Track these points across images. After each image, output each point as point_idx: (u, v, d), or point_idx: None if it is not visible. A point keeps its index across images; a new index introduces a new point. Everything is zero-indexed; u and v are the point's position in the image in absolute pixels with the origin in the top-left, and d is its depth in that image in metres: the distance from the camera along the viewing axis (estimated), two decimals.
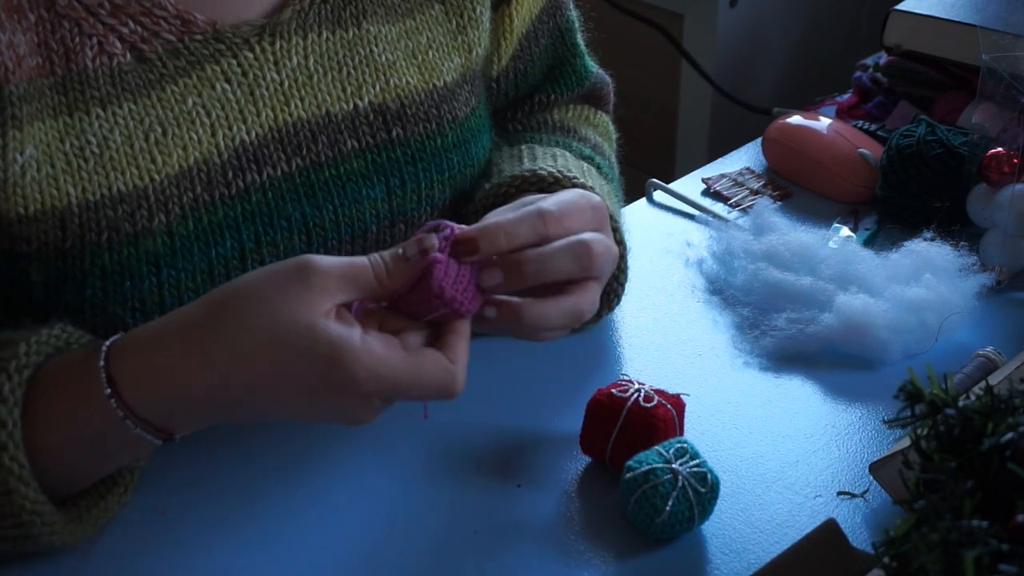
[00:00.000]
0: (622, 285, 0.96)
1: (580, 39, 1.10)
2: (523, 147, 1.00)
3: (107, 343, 0.73)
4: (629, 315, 1.01)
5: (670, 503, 0.77)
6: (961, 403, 0.69)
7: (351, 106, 0.90)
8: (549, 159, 0.96)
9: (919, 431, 0.71)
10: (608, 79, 1.14)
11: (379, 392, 0.71)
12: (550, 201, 0.78)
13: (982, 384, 0.74)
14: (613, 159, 1.10)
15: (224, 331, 0.71)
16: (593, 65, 1.12)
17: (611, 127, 1.14)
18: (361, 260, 0.72)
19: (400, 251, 0.73)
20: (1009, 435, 0.65)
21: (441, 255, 0.72)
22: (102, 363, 0.72)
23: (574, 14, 1.09)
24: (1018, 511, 0.62)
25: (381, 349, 0.70)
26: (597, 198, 0.81)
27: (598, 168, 1.01)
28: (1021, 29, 1.14)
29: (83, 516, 0.76)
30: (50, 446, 0.72)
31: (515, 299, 0.76)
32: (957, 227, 1.07)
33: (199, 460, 0.85)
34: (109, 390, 0.71)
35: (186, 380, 0.71)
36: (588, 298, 0.78)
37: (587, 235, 0.77)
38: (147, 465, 0.81)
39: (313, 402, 0.72)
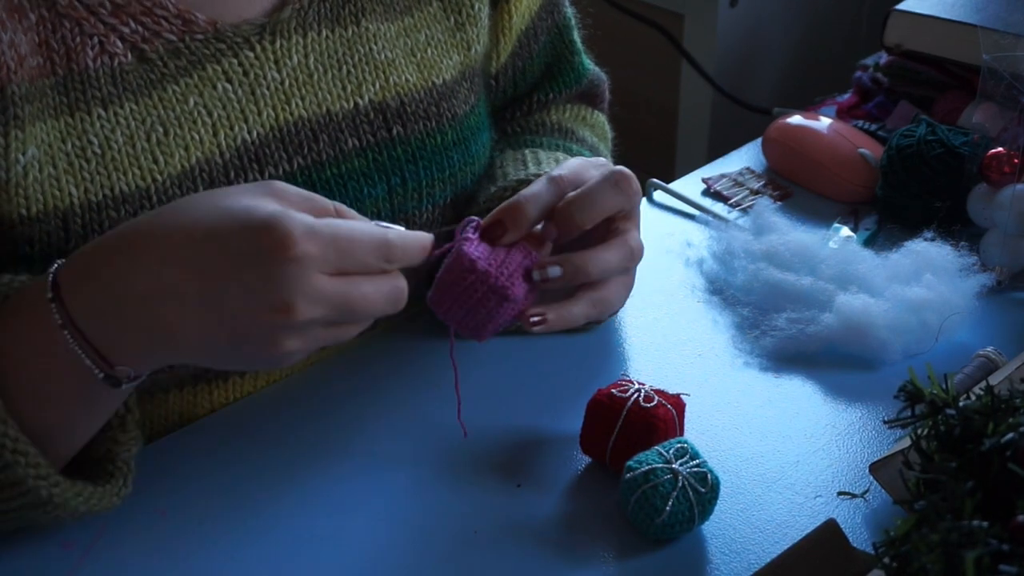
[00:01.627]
0: None
1: (577, 37, 1.10)
2: (527, 151, 1.00)
3: (58, 261, 0.72)
4: (629, 315, 1.01)
5: (670, 503, 0.77)
6: (961, 403, 0.69)
7: (351, 104, 0.90)
8: (552, 163, 0.96)
9: (919, 431, 0.71)
10: (604, 77, 1.14)
11: (315, 255, 0.67)
12: (557, 168, 0.82)
13: (982, 384, 0.74)
14: (609, 159, 1.10)
15: (168, 218, 0.70)
16: (590, 63, 1.12)
17: (607, 127, 1.15)
18: (324, 198, 0.74)
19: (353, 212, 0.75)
20: (1009, 435, 0.65)
21: (469, 236, 0.76)
22: (51, 271, 0.71)
23: (570, 12, 1.09)
24: (1018, 511, 0.62)
25: (319, 219, 0.69)
26: (600, 158, 0.85)
27: None
28: (1021, 29, 1.14)
29: (76, 485, 0.74)
30: (9, 382, 0.71)
31: (574, 254, 0.79)
32: (957, 227, 1.07)
33: (199, 460, 0.85)
34: (51, 294, 0.70)
35: (120, 272, 0.69)
36: (633, 234, 0.82)
37: (614, 168, 0.82)
38: (140, 453, 0.80)
39: (236, 276, 0.67)
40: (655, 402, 0.83)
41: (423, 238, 0.74)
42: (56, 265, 0.72)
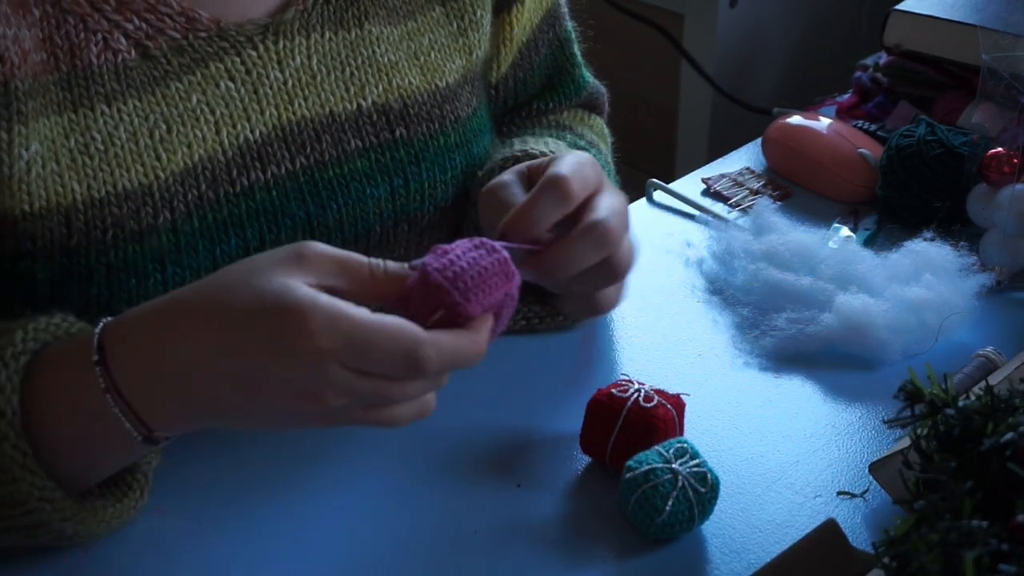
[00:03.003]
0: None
1: (577, 50, 1.10)
2: (515, 139, 1.00)
3: (105, 319, 0.72)
4: (629, 315, 1.01)
5: (670, 503, 0.77)
6: (961, 403, 0.69)
7: (354, 106, 0.90)
8: (541, 144, 0.96)
9: (919, 431, 0.71)
10: (603, 90, 1.14)
11: (334, 350, 0.65)
12: (557, 167, 0.78)
13: (982, 384, 0.74)
14: (609, 158, 1.10)
15: (209, 295, 0.69)
16: (590, 76, 1.12)
17: (606, 130, 1.15)
18: (359, 255, 0.70)
19: (406, 265, 0.70)
20: (1009, 435, 0.65)
21: (438, 248, 0.70)
22: (97, 332, 0.71)
23: (571, 25, 1.09)
24: (1018, 511, 0.62)
25: (343, 305, 0.66)
26: (588, 156, 0.81)
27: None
28: (1021, 29, 1.14)
29: (98, 512, 0.75)
30: (48, 433, 0.71)
31: (536, 246, 0.76)
32: (957, 227, 1.07)
33: (199, 460, 0.85)
34: (97, 357, 0.70)
35: (162, 345, 0.69)
36: (603, 211, 0.77)
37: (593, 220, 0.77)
38: (158, 465, 0.80)
39: (265, 366, 0.66)
40: (655, 402, 0.83)
41: (469, 347, 0.69)
42: (101, 325, 0.71)
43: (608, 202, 0.78)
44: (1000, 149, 1.05)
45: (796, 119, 1.24)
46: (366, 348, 0.65)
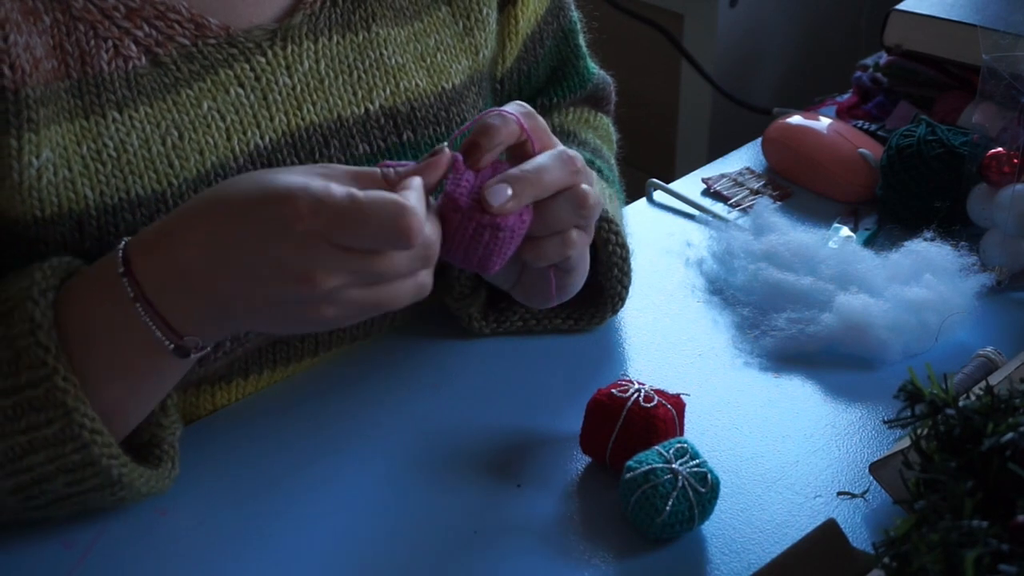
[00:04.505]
0: (625, 288, 0.96)
1: (582, 41, 1.10)
2: None
3: (126, 238, 0.75)
4: (629, 315, 1.01)
5: (670, 503, 0.77)
6: (961, 403, 0.69)
7: (362, 110, 0.90)
8: None
9: (919, 431, 0.71)
10: (609, 80, 1.14)
11: (322, 231, 0.69)
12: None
13: (982, 384, 0.74)
14: (613, 161, 1.10)
15: (219, 191, 0.74)
16: (595, 67, 1.12)
17: (611, 129, 1.14)
18: (369, 168, 0.76)
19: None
20: (1009, 435, 0.65)
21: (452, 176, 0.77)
22: (121, 247, 0.74)
23: (576, 16, 1.09)
24: (1018, 511, 0.62)
25: (332, 186, 0.70)
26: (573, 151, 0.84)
27: (599, 172, 1.02)
28: (1021, 29, 1.14)
29: (138, 468, 0.77)
30: (87, 361, 0.74)
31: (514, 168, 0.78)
32: (957, 227, 1.07)
33: (199, 461, 0.85)
34: (123, 269, 0.73)
35: (179, 245, 0.73)
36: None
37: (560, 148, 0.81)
38: (181, 435, 0.83)
39: (259, 250, 0.70)
40: (655, 402, 0.83)
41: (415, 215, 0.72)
42: (124, 242, 0.75)
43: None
44: (1000, 149, 1.05)
45: (796, 119, 1.24)
46: (352, 223, 0.69)
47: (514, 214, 0.77)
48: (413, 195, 0.72)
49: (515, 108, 0.80)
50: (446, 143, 0.78)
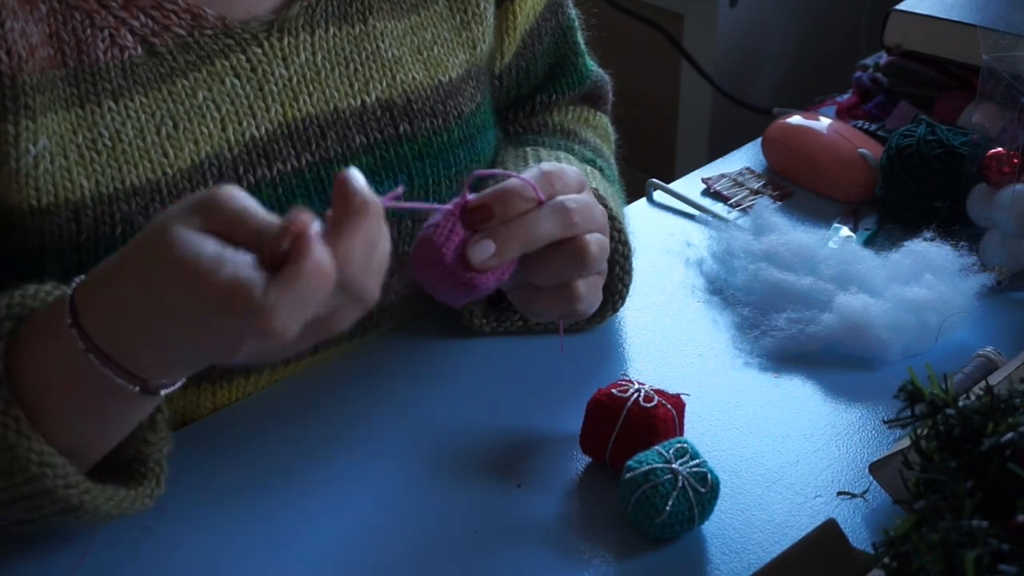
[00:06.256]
0: (626, 286, 0.96)
1: (581, 38, 1.10)
2: (528, 149, 1.00)
3: (78, 278, 0.71)
4: (629, 315, 1.01)
5: (670, 503, 0.77)
6: (961, 403, 0.69)
7: (359, 102, 0.90)
8: (552, 159, 0.96)
9: (919, 431, 0.71)
10: (607, 78, 1.14)
11: (186, 270, 0.62)
12: (548, 165, 0.80)
13: (982, 384, 0.74)
14: (612, 160, 1.10)
15: (133, 241, 0.68)
16: (593, 64, 1.12)
17: (610, 128, 1.15)
18: (263, 215, 0.66)
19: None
20: (1009, 435, 0.65)
21: (439, 221, 0.75)
22: (69, 294, 0.70)
23: (574, 13, 1.09)
24: (1018, 511, 0.62)
25: (210, 238, 0.64)
26: (577, 170, 0.82)
27: (600, 171, 1.02)
28: (1021, 29, 1.14)
29: (107, 490, 0.73)
30: (44, 398, 0.70)
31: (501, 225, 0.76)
32: (957, 227, 1.07)
33: (200, 460, 0.85)
34: (70, 320, 0.68)
35: (116, 295, 0.67)
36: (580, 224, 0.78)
37: (566, 197, 0.78)
38: (170, 451, 0.79)
39: (163, 292, 0.64)
40: (655, 402, 0.83)
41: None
42: (73, 286, 0.70)
43: (579, 196, 0.79)
44: (1000, 149, 1.05)
45: (796, 119, 1.24)
46: (204, 274, 0.62)
47: (492, 273, 0.76)
48: (280, 288, 0.62)
49: (535, 174, 0.78)
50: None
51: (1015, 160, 1.04)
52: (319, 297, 0.63)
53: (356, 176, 0.66)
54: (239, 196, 0.66)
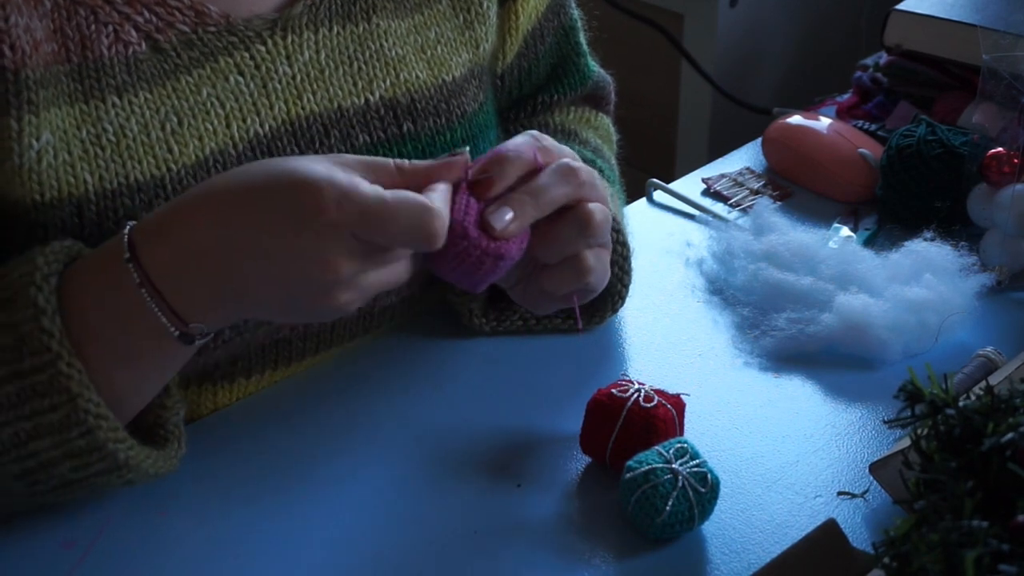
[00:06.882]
0: (626, 286, 0.96)
1: (583, 39, 1.10)
2: None
3: (130, 223, 0.75)
4: (629, 315, 1.01)
5: (670, 503, 0.77)
6: (961, 403, 0.69)
7: (362, 100, 0.90)
8: None
9: (919, 431, 0.71)
10: (609, 79, 1.14)
11: (345, 218, 0.70)
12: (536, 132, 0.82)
13: (982, 384, 0.74)
14: (613, 161, 1.10)
15: (230, 178, 0.75)
16: (595, 65, 1.12)
17: (611, 129, 1.15)
18: (383, 159, 0.76)
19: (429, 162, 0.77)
20: (1009, 435, 0.65)
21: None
22: (126, 232, 0.74)
23: (577, 14, 1.09)
24: (1018, 511, 0.62)
25: (357, 180, 0.72)
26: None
27: (600, 171, 1.02)
28: (1021, 29, 1.14)
29: (145, 450, 0.77)
30: (92, 347, 0.73)
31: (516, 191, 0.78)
32: (957, 227, 1.07)
33: (200, 460, 0.85)
34: (128, 255, 0.73)
35: (188, 230, 0.73)
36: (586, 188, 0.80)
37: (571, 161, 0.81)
38: (186, 415, 0.82)
39: (280, 238, 0.71)
40: (655, 402, 0.83)
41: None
42: (129, 226, 0.75)
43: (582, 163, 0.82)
44: (1000, 149, 1.05)
45: (796, 119, 1.24)
46: (379, 222, 0.71)
47: (515, 241, 0.77)
48: (439, 197, 0.74)
49: (526, 139, 0.80)
50: (466, 148, 0.78)
51: (1015, 160, 1.04)
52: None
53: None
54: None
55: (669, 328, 1.00)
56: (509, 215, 0.77)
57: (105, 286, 0.74)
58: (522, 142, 0.80)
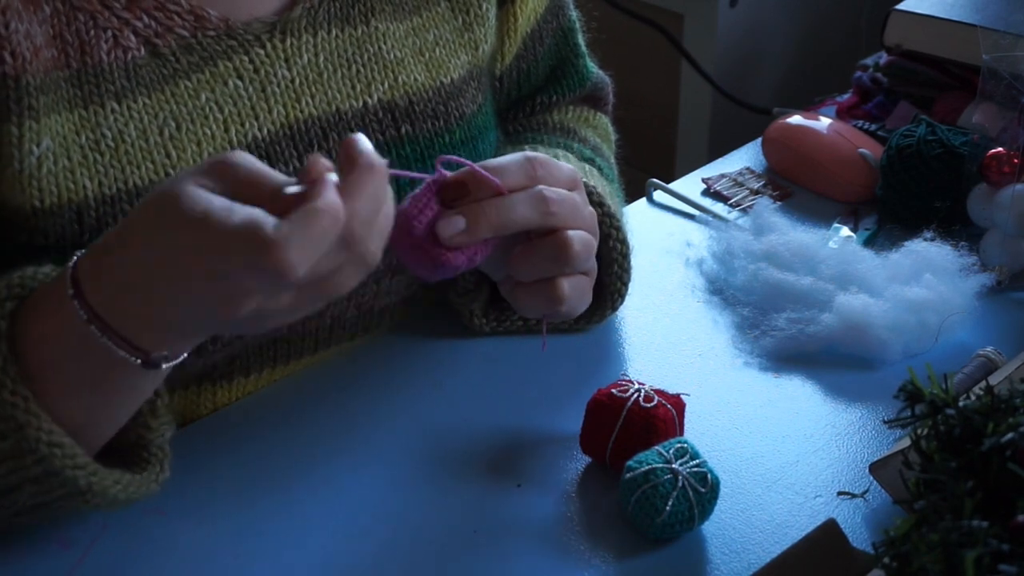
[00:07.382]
0: (625, 285, 0.96)
1: (582, 40, 1.10)
2: (526, 147, 1.00)
3: (78, 252, 0.71)
4: (629, 315, 1.01)
5: (670, 503, 0.77)
6: (961, 403, 0.69)
7: (361, 103, 0.90)
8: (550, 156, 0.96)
9: (919, 431, 0.71)
10: (608, 80, 1.14)
11: (195, 221, 0.64)
12: (533, 152, 0.81)
13: (982, 384, 0.74)
14: (612, 160, 1.10)
15: (141, 203, 0.69)
16: (594, 66, 1.12)
17: (610, 128, 1.15)
18: (279, 176, 0.68)
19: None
20: (1009, 435, 0.65)
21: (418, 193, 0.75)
22: (70, 267, 0.70)
23: (575, 15, 1.10)
24: (1018, 511, 0.62)
25: (216, 194, 0.65)
26: (570, 166, 0.83)
27: (599, 170, 1.02)
28: (1021, 29, 1.14)
29: (113, 473, 0.73)
30: (49, 377, 0.71)
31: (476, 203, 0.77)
32: (957, 227, 1.07)
33: (200, 460, 0.85)
34: (72, 291, 0.69)
35: (120, 261, 0.68)
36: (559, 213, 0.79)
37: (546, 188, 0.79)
38: (172, 436, 0.79)
39: (171, 253, 0.66)
40: (655, 402, 0.83)
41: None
42: (74, 259, 0.71)
43: (563, 191, 0.80)
44: (1000, 149, 1.05)
45: (796, 119, 1.24)
46: (216, 221, 0.64)
47: (465, 252, 0.76)
48: (297, 226, 0.64)
49: (518, 160, 0.79)
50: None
51: (1015, 160, 1.04)
52: (329, 237, 0.64)
53: (363, 139, 0.67)
54: (253, 159, 0.68)
55: (669, 328, 1.00)
56: (460, 225, 0.76)
57: (56, 322, 0.70)
58: (513, 161, 0.79)
